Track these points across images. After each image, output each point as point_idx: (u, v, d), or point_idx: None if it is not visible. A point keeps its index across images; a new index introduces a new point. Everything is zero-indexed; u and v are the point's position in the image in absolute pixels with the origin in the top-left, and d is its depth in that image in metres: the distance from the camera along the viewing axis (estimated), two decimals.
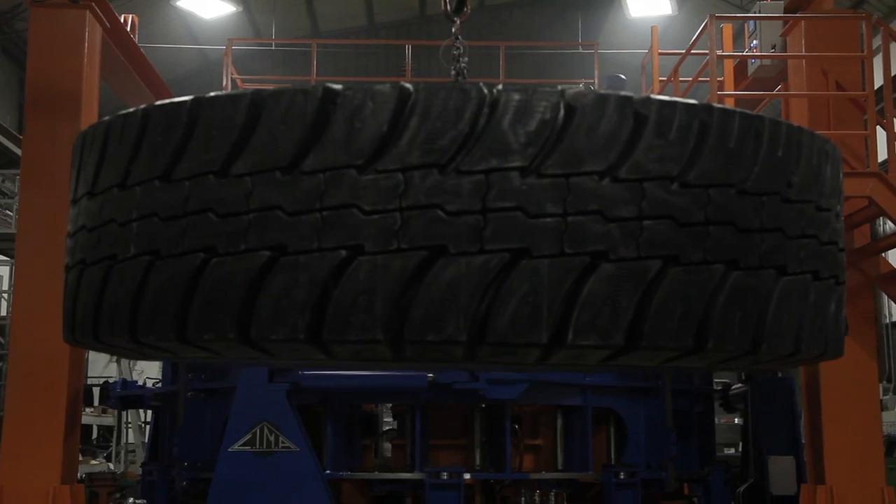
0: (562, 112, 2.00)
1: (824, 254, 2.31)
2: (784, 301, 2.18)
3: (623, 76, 13.69)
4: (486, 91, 1.99)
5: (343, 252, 1.96)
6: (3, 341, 14.17)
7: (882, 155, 8.09)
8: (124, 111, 2.29)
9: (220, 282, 2.04)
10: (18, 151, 9.55)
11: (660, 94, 10.64)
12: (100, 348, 2.41)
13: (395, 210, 1.95)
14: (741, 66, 9.87)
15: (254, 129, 2.04)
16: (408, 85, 2.00)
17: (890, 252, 9.06)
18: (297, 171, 2.00)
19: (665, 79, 10.57)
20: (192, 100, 2.13)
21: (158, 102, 2.21)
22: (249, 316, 2.01)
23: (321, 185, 1.98)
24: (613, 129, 2.01)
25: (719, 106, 2.13)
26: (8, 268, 15.96)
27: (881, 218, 9.09)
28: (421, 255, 1.94)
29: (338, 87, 2.02)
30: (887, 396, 15.39)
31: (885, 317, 16.26)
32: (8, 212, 15.41)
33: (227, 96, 2.10)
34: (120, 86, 8.21)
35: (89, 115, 6.93)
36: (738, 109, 2.15)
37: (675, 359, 2.12)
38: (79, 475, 9.66)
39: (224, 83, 12.54)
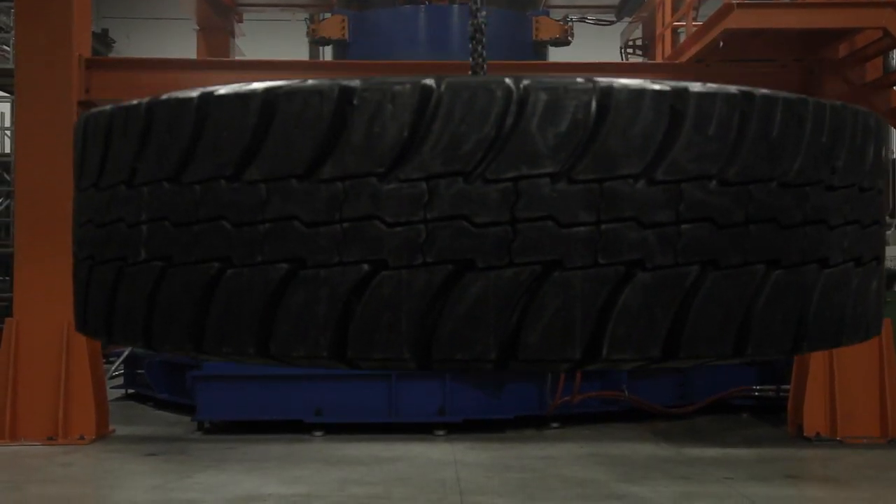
0: (594, 110, 1.87)
1: (867, 237, 2.20)
2: (826, 295, 2.08)
3: None
4: (512, 87, 1.86)
5: (365, 266, 1.86)
6: (8, 178, 14.06)
7: None
8: (126, 103, 2.16)
9: (237, 294, 1.94)
10: None
11: None
12: (115, 345, 2.33)
13: (419, 222, 1.84)
14: None
15: (266, 133, 1.91)
16: (429, 82, 1.87)
17: None
18: (315, 178, 1.88)
19: None
20: (199, 97, 2.00)
21: (164, 96, 2.07)
22: (269, 331, 1.92)
23: (340, 195, 1.87)
24: (649, 128, 1.88)
25: (761, 92, 1.99)
26: (8, 104, 15.62)
27: (894, 51, 8.91)
28: (447, 270, 1.84)
29: (355, 84, 1.89)
30: (890, 231, 15.39)
31: (893, 152, 16.11)
32: (5, 46, 14.89)
33: (237, 95, 1.96)
34: None
35: None
36: (781, 94, 2.01)
37: (712, 362, 2.03)
38: None
39: None
